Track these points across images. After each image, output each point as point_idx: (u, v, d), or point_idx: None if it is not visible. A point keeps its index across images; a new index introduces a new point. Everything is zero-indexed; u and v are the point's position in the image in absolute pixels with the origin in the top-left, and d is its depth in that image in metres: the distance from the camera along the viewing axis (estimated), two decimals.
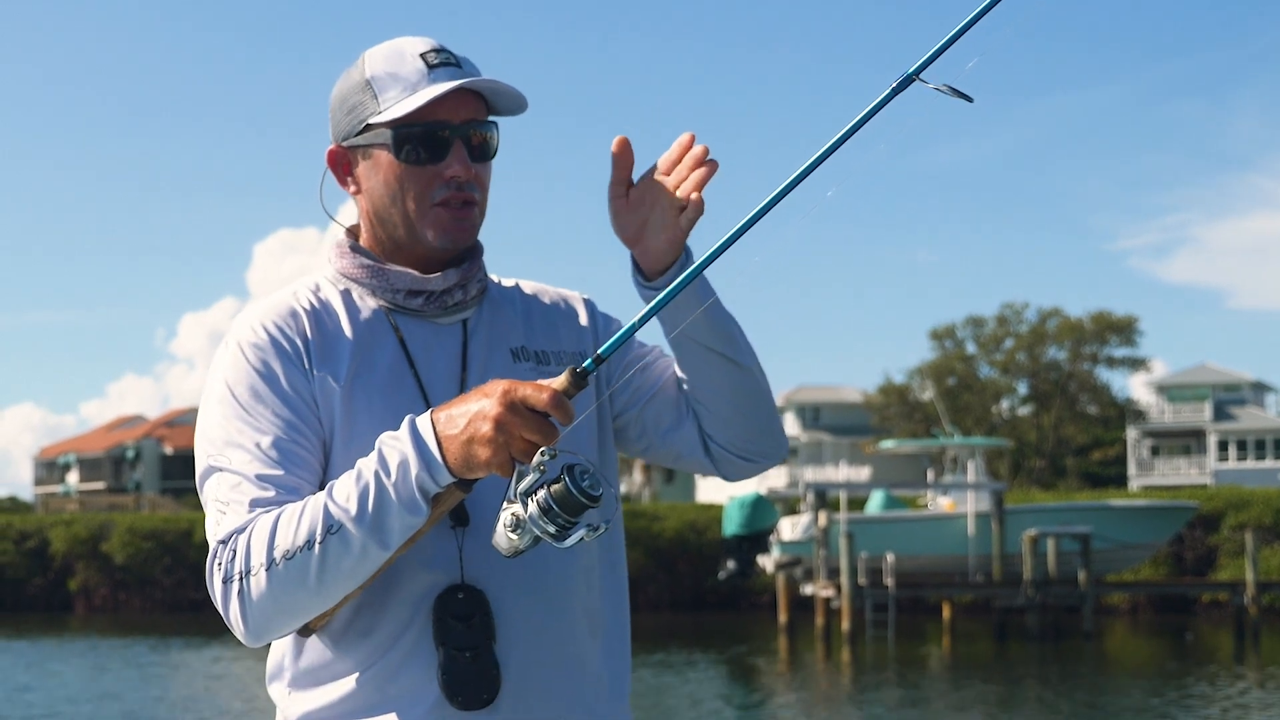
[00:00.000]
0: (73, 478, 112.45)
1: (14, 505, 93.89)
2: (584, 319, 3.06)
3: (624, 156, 2.84)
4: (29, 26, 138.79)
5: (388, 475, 2.53)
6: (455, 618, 2.71)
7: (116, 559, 58.61)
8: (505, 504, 2.47)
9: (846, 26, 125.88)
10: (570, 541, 2.44)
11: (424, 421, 2.55)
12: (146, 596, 57.91)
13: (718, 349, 2.89)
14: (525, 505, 2.44)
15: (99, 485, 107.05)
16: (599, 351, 2.52)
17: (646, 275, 2.86)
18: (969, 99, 2.60)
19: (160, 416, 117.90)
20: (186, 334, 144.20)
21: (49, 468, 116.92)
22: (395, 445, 2.55)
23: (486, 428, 2.46)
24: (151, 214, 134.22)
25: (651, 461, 3.14)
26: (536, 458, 2.44)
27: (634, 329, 2.58)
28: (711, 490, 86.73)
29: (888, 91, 2.61)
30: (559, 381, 2.48)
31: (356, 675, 2.74)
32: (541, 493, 2.43)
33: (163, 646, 40.34)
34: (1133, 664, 36.06)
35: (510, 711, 2.74)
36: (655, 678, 31.70)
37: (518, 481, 2.45)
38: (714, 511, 54.08)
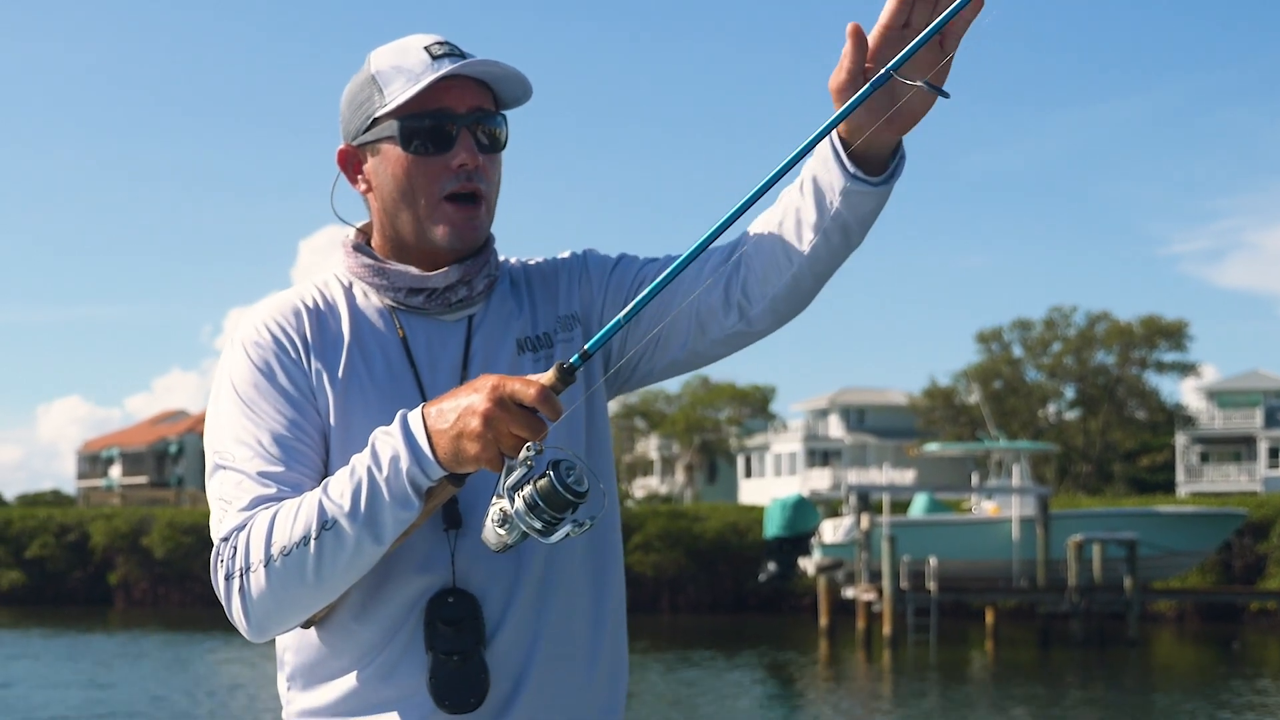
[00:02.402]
0: (115, 472, 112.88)
1: (57, 499, 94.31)
2: (577, 271, 3.03)
3: (862, 41, 2.62)
4: (81, 21, 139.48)
5: (379, 470, 2.55)
6: (444, 621, 2.72)
7: (156, 553, 58.93)
8: (494, 499, 2.49)
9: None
10: (556, 537, 2.45)
11: (415, 416, 2.57)
12: (186, 591, 58.02)
13: (847, 244, 2.79)
14: (512, 500, 2.45)
15: (141, 479, 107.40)
16: (585, 347, 2.49)
17: (872, 164, 2.70)
18: (945, 94, 2.55)
19: (204, 411, 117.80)
20: (232, 330, 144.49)
21: (92, 461, 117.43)
22: (387, 440, 2.57)
23: (475, 423, 2.47)
24: (199, 210, 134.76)
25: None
26: (523, 453, 2.45)
27: (619, 325, 2.50)
28: (753, 491, 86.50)
29: (866, 88, 2.54)
30: (547, 377, 2.48)
31: (352, 675, 2.77)
32: (528, 488, 2.44)
33: (229, 643, 40.12)
34: (1178, 672, 35.72)
35: (499, 714, 2.75)
36: (695, 679, 31.60)
37: (506, 476, 2.47)
38: (755, 513, 53.82)
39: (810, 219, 2.74)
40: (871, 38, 2.60)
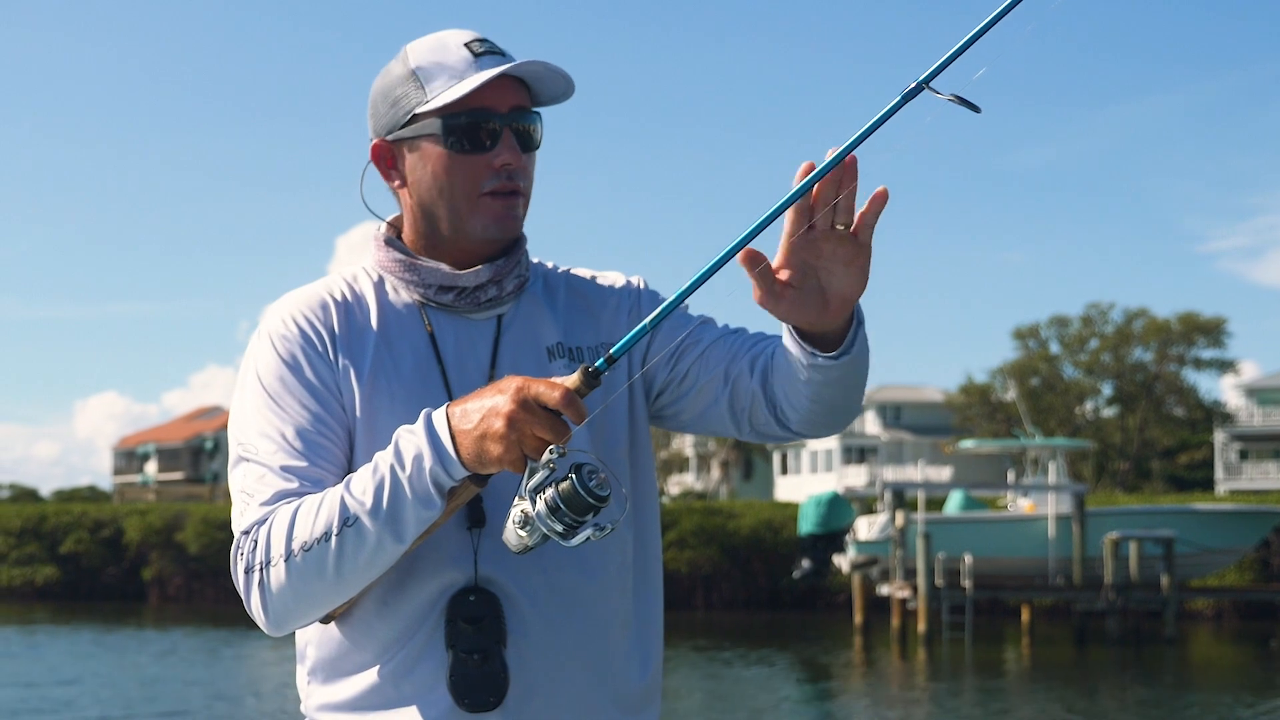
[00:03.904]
0: (151, 468, 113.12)
1: (93, 494, 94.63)
2: (627, 304, 3.03)
3: (765, 264, 2.56)
4: (124, 17, 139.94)
5: (402, 469, 2.55)
6: (465, 620, 2.72)
7: (191, 549, 59.06)
8: (516, 500, 2.48)
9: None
10: (576, 541, 2.44)
11: (439, 416, 2.56)
12: (220, 587, 58.04)
13: (843, 394, 2.78)
14: (534, 503, 2.45)
15: (177, 475, 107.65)
16: (611, 351, 2.48)
17: (826, 343, 2.69)
18: (977, 109, 2.49)
19: None
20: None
21: (128, 457, 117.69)
22: (411, 439, 2.57)
23: (499, 424, 2.46)
24: (236, 206, 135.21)
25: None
26: (545, 455, 2.44)
27: (644, 331, 2.49)
28: (788, 488, 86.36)
29: (897, 99, 2.51)
30: (571, 380, 2.47)
31: (372, 671, 2.77)
32: (549, 491, 2.44)
33: (270, 642, 40.22)
34: (1216, 671, 35.48)
35: (518, 714, 2.74)
36: (729, 676, 31.59)
37: (528, 478, 2.46)
38: (790, 510, 53.64)
39: (802, 375, 2.72)
40: (780, 251, 2.56)
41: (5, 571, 62.36)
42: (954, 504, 45.40)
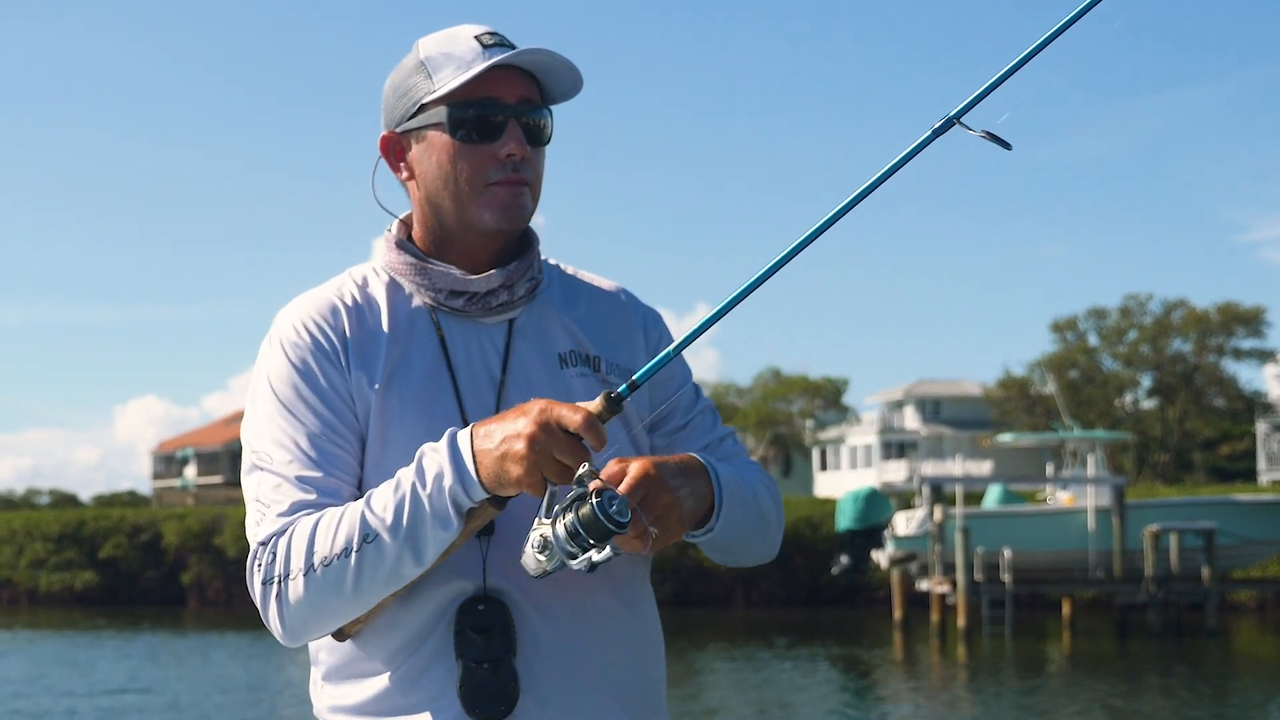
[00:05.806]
0: (190, 472, 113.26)
1: (133, 499, 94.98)
2: (642, 335, 3.03)
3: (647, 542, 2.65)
4: (156, 20, 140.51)
5: (423, 486, 2.56)
6: (475, 629, 2.71)
7: (229, 552, 59.19)
8: (535, 524, 2.49)
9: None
10: (596, 563, 2.46)
11: (463, 435, 2.57)
12: None
13: (732, 551, 2.92)
14: (553, 527, 2.46)
15: (217, 479, 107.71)
16: (634, 378, 2.50)
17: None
18: (1008, 146, 2.56)
19: None
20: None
21: (167, 461, 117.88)
22: (434, 456, 2.58)
23: (520, 446, 2.47)
24: (274, 208, 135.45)
25: None
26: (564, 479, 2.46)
27: (669, 357, 2.52)
28: (828, 484, 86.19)
29: (928, 134, 2.57)
30: (594, 405, 2.48)
31: (383, 677, 2.76)
32: (569, 515, 2.45)
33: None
34: (1259, 663, 35.33)
35: None
36: (769, 673, 31.48)
37: (548, 502, 2.48)
38: (829, 505, 53.54)
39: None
40: None
41: (44, 577, 62.82)
42: (993, 498, 45.33)
